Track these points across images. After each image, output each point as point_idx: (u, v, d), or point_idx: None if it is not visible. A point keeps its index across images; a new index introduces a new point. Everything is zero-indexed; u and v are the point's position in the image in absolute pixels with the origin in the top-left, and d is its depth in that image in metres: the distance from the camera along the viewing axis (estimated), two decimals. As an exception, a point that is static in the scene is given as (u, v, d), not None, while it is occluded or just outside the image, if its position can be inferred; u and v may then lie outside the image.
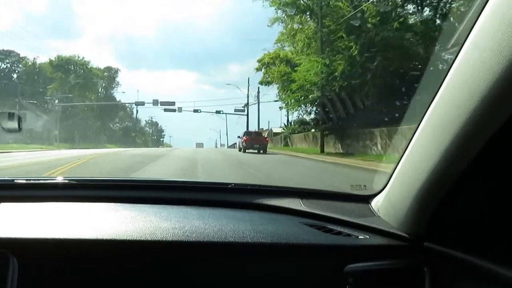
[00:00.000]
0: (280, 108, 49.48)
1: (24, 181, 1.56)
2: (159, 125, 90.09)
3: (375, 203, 1.38)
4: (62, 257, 1.09)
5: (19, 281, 1.04)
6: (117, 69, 71.90)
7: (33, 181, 1.62)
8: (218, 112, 53.53)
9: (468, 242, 0.95)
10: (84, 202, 1.43)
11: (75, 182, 1.61)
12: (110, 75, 69.71)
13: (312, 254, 1.16)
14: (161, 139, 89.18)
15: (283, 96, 26.20)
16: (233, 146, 53.66)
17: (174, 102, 51.24)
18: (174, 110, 51.62)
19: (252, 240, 1.15)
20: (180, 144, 67.22)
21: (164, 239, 1.13)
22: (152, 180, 2.16)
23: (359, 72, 17.82)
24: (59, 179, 1.63)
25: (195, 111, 52.29)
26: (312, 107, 24.69)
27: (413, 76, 12.55)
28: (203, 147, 58.42)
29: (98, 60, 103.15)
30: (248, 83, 51.48)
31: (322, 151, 20.63)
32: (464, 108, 0.77)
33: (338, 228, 1.27)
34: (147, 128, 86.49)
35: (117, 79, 70.42)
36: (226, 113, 54.85)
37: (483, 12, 0.74)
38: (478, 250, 0.92)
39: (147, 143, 71.85)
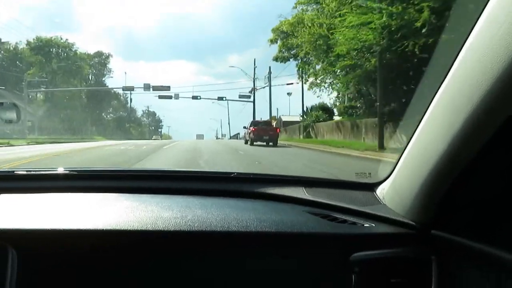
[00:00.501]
0: (289, 94, 43.75)
1: (24, 172, 1.58)
2: (156, 115, 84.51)
3: (380, 191, 1.36)
4: (62, 247, 1.08)
5: (18, 272, 1.04)
6: (109, 54, 65.79)
7: (33, 172, 1.62)
8: (220, 98, 47.05)
9: (477, 227, 0.95)
10: (84, 192, 1.44)
11: (75, 173, 1.61)
12: (100, 61, 63.69)
13: (317, 243, 1.15)
14: (159, 130, 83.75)
15: (314, 72, 19.48)
16: (235, 136, 48.25)
17: (169, 87, 44.66)
18: (170, 97, 45.22)
19: (256, 229, 1.14)
20: (180, 135, 62.77)
21: (166, 228, 1.11)
22: (153, 170, 2.16)
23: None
24: (59, 170, 1.59)
25: (194, 97, 45.84)
26: (360, 85, 17.91)
27: None
28: (203, 138, 53.84)
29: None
30: (255, 64, 44.76)
31: (382, 146, 14.14)
32: (480, 86, 0.74)
33: (343, 217, 1.26)
34: (144, 119, 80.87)
35: (109, 66, 64.29)
36: (228, 100, 48.49)
37: None
38: (488, 236, 0.91)
39: (143, 134, 67.15)
